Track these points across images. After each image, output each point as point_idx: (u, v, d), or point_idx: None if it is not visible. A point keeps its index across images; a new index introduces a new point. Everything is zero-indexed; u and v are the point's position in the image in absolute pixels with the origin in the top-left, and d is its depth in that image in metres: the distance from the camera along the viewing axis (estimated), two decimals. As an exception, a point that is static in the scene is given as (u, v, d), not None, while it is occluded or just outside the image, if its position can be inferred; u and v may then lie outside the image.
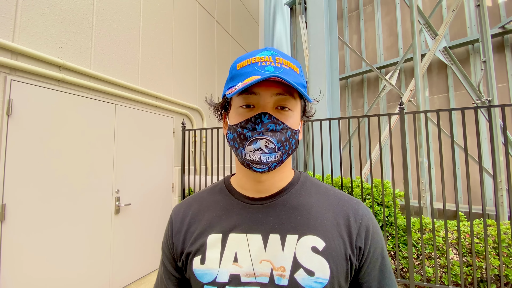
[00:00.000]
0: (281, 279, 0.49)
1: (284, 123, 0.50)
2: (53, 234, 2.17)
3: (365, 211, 0.56)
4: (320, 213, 0.54)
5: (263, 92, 0.50)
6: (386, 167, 5.75)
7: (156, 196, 3.26)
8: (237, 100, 0.52)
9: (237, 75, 0.51)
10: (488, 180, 4.25)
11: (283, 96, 0.50)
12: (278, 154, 0.50)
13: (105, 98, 2.67)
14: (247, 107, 0.51)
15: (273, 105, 0.50)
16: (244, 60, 0.52)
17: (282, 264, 0.50)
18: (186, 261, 0.56)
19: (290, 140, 0.51)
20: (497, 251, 2.30)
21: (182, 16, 3.99)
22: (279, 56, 0.51)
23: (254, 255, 0.52)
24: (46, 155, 2.15)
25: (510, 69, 4.54)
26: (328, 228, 0.53)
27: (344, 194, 0.59)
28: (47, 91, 2.18)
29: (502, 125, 2.26)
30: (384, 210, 2.58)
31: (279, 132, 0.50)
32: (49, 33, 2.25)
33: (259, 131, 0.49)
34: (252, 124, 0.50)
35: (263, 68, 0.49)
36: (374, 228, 0.55)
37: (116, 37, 2.86)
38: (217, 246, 0.53)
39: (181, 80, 3.90)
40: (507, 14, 4.61)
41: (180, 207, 0.64)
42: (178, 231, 0.59)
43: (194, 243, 0.55)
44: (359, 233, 0.53)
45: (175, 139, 3.68)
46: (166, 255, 0.61)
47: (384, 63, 6.14)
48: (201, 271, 0.53)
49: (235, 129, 0.52)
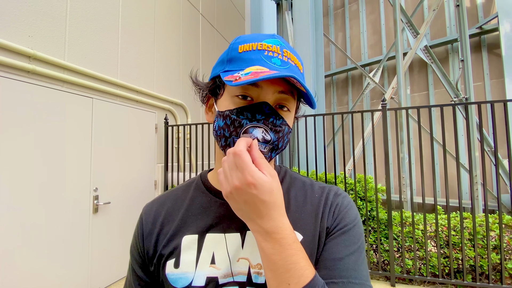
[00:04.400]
0: (258, 277, 0.47)
1: (284, 118, 0.47)
2: (26, 236, 2.04)
3: (337, 191, 0.54)
4: (298, 207, 0.52)
5: (267, 87, 0.45)
6: (369, 162, 5.88)
7: (138, 194, 3.16)
8: (234, 89, 0.47)
9: (239, 59, 0.46)
10: (464, 175, 4.43)
11: (285, 95, 0.46)
12: (269, 147, 0.46)
13: (81, 91, 2.54)
14: (243, 98, 0.46)
15: (273, 102, 0.46)
16: (248, 43, 0.46)
17: (260, 262, 0.47)
18: (158, 265, 0.51)
19: (285, 138, 0.48)
20: (472, 242, 2.39)
21: (164, 7, 3.86)
22: (287, 49, 0.47)
23: (233, 254, 0.49)
24: (16, 152, 2.01)
25: (486, 69, 4.74)
26: (306, 221, 0.50)
27: (321, 185, 0.57)
28: (16, 83, 2.04)
29: (478, 122, 2.34)
30: (367, 205, 2.63)
31: (278, 126, 0.46)
32: (18, 21, 2.10)
33: (259, 119, 0.45)
34: (252, 112, 0.45)
35: (269, 59, 0.44)
36: (342, 205, 0.51)
37: (93, 26, 2.71)
38: (192, 248, 0.50)
39: (163, 74, 3.78)
40: (485, 15, 4.79)
41: (151, 205, 0.58)
42: (149, 232, 0.54)
43: (167, 245, 0.51)
44: (328, 215, 0.51)
45: (157, 135, 3.58)
46: (136, 259, 0.56)
47: (368, 61, 6.25)
48: (175, 275, 0.48)
49: (228, 116, 0.46)
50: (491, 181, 4.34)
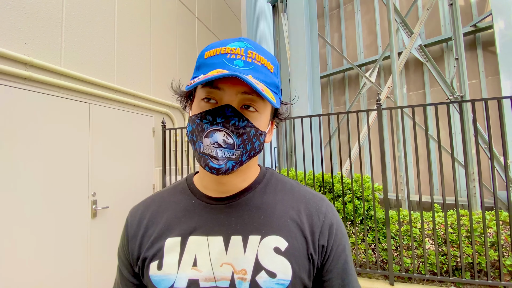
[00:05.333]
0: (242, 283, 0.47)
1: (249, 120, 0.47)
2: (25, 242, 2.05)
3: (328, 208, 0.55)
4: (284, 212, 0.52)
5: (228, 88, 0.45)
6: (366, 162, 5.89)
7: (136, 198, 3.17)
8: (200, 92, 0.49)
9: (203, 65, 0.47)
10: (461, 172, 4.45)
11: (250, 96, 0.46)
12: (237, 152, 0.46)
13: (77, 97, 2.55)
14: (208, 101, 0.47)
15: (238, 104, 0.46)
16: (213, 48, 0.47)
17: (244, 267, 0.48)
18: (142, 266, 0.53)
19: (253, 140, 0.47)
20: (470, 239, 2.40)
21: (160, 11, 3.89)
22: (253, 50, 0.47)
23: (215, 258, 0.49)
24: (14, 159, 2.02)
25: (481, 66, 4.77)
26: (291, 228, 0.51)
27: (309, 191, 0.57)
28: (13, 90, 2.05)
29: (473, 119, 2.36)
30: (364, 204, 2.64)
31: (242, 129, 0.46)
32: (14, 29, 2.12)
33: (219, 122, 0.45)
34: (213, 115, 0.46)
35: (231, 61, 0.45)
36: (337, 225, 0.54)
37: (89, 32, 2.73)
38: (175, 250, 0.50)
39: (160, 78, 3.80)
40: (479, 12, 4.83)
41: (137, 208, 0.59)
42: (134, 235, 0.55)
43: (151, 247, 0.52)
44: (322, 231, 0.51)
45: (155, 139, 3.59)
46: (122, 261, 0.57)
47: (364, 61, 6.27)
48: (158, 277, 0.49)
49: (194, 120, 0.48)
50: (487, 178, 4.36)
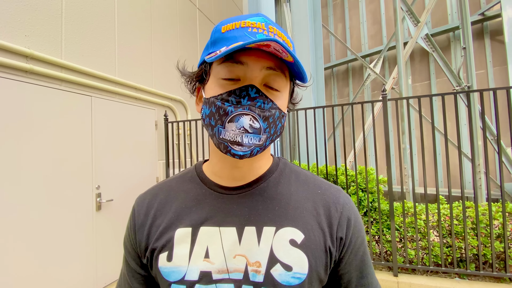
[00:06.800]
0: (256, 275, 0.45)
1: (273, 101, 0.44)
2: (31, 234, 2.07)
3: (346, 199, 0.52)
4: (299, 203, 0.50)
5: (252, 63, 0.42)
6: (370, 154, 5.85)
7: (140, 190, 3.12)
8: (218, 70, 0.44)
9: (222, 38, 0.43)
10: (467, 164, 4.40)
11: (275, 72, 0.43)
12: (263, 137, 0.43)
13: (79, 89, 2.54)
14: (229, 80, 0.43)
15: (261, 81, 0.43)
16: (232, 22, 0.43)
17: (258, 259, 0.46)
18: (151, 258, 0.51)
19: (277, 123, 0.45)
20: (475, 231, 2.39)
21: (161, 2, 3.82)
22: (274, 26, 0.44)
23: (228, 249, 0.47)
24: (17, 152, 2.02)
25: (489, 56, 4.66)
26: (307, 219, 0.49)
27: (324, 182, 0.55)
28: (14, 83, 2.04)
29: (480, 110, 2.31)
30: (368, 196, 2.62)
31: (267, 111, 0.43)
32: (15, 21, 2.09)
33: (245, 105, 0.41)
34: (236, 97, 0.42)
35: (254, 34, 0.41)
36: (355, 217, 0.52)
37: (89, 24, 2.69)
38: (186, 241, 0.48)
39: (162, 70, 3.76)
40: (487, 1, 4.69)
41: (144, 197, 0.57)
42: (141, 224, 0.53)
43: (160, 238, 0.50)
44: (340, 223, 0.49)
45: (157, 132, 3.58)
46: (129, 252, 0.55)
47: (369, 52, 6.17)
48: (168, 268, 0.47)
49: (213, 102, 0.44)
50: (494, 170, 4.31)
